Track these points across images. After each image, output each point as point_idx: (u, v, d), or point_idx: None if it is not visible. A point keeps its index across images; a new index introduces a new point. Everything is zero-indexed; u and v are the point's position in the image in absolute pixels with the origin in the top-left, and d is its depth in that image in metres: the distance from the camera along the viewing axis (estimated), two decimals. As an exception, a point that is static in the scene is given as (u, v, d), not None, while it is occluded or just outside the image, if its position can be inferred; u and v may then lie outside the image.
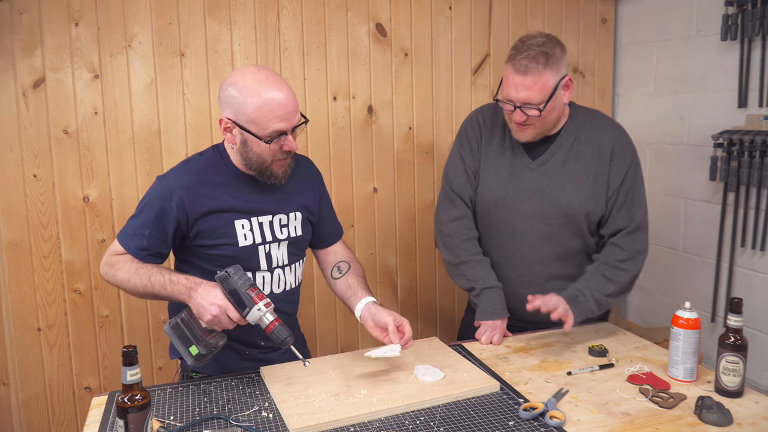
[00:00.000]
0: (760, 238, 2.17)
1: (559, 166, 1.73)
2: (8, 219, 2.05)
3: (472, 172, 1.82)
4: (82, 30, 2.05)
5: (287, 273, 1.61)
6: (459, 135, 1.88)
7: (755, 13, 2.10)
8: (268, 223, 1.55)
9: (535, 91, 1.60)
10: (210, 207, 1.48)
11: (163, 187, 1.48)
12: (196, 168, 1.53)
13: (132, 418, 1.08)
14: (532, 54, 1.59)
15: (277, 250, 1.57)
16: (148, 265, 1.46)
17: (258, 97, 1.40)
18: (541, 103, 1.61)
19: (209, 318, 1.33)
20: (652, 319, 2.68)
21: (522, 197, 1.75)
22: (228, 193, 1.51)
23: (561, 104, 1.68)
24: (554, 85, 1.62)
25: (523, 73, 1.60)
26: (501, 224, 1.79)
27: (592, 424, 1.27)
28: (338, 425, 1.25)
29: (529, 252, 1.77)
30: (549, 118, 1.67)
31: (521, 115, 1.64)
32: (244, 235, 1.52)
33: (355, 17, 2.35)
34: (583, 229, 1.75)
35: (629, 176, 1.71)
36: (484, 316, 1.75)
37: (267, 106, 1.40)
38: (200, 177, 1.50)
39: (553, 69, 1.61)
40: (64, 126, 2.07)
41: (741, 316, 1.37)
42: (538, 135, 1.71)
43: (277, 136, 1.43)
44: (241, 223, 1.51)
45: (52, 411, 2.18)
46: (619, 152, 1.71)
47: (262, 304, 1.34)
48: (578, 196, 1.71)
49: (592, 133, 1.74)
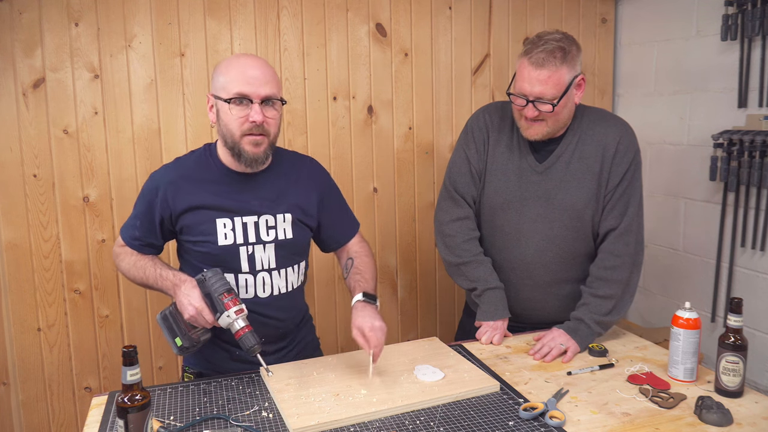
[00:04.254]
0: (760, 238, 2.17)
1: (564, 168, 1.70)
2: (8, 219, 2.05)
3: (477, 173, 1.79)
4: (82, 30, 2.05)
5: (275, 277, 1.57)
6: (464, 134, 1.84)
7: (755, 13, 2.10)
8: (253, 223, 1.53)
9: (550, 85, 1.58)
10: (191, 203, 1.51)
11: (152, 181, 1.55)
12: (185, 165, 1.57)
13: (132, 418, 1.08)
14: (549, 48, 1.57)
15: (263, 252, 1.54)
16: (145, 258, 1.55)
17: (229, 63, 1.48)
18: (554, 99, 1.59)
19: (187, 316, 1.40)
20: (652, 319, 2.68)
21: (528, 200, 1.73)
22: (212, 191, 1.52)
23: (572, 103, 1.66)
24: (569, 82, 1.60)
25: (539, 67, 1.58)
26: (506, 226, 1.77)
27: (592, 424, 1.27)
28: (338, 425, 1.25)
29: (533, 255, 1.75)
30: (560, 116, 1.64)
31: (533, 110, 1.61)
32: (225, 234, 1.51)
33: (355, 17, 2.35)
34: (588, 232, 1.73)
35: (628, 176, 1.68)
36: (486, 316, 1.75)
37: (234, 70, 1.45)
38: (186, 173, 1.54)
39: (569, 65, 1.59)
40: (64, 126, 2.07)
41: (741, 316, 1.37)
42: (547, 134, 1.67)
43: (240, 100, 1.44)
44: (223, 222, 1.51)
45: (52, 411, 2.18)
46: (623, 150, 1.68)
47: (232, 311, 1.37)
48: (582, 196, 1.69)
49: (597, 131, 1.71)
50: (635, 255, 1.69)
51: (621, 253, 1.68)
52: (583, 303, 1.69)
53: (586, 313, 1.67)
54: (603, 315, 1.66)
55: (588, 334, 1.66)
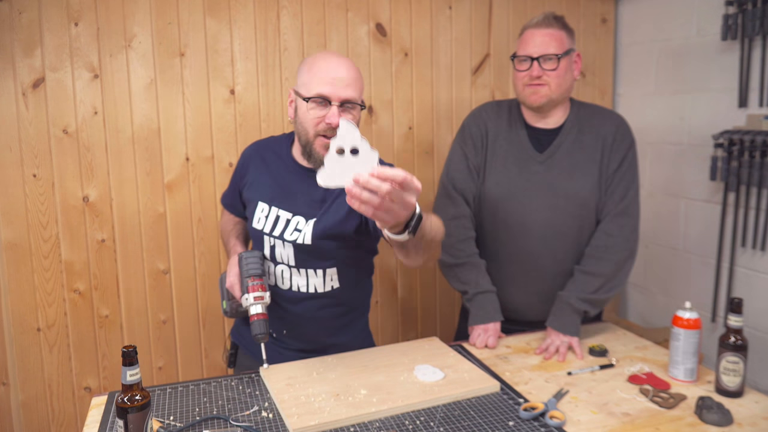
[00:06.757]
0: (761, 238, 2.17)
1: (567, 157, 1.73)
2: (8, 219, 2.05)
3: (476, 169, 1.80)
4: (81, 30, 2.05)
5: (295, 275, 1.57)
6: (461, 132, 1.86)
7: (755, 13, 2.10)
8: (285, 219, 1.55)
9: (553, 42, 1.68)
10: (252, 179, 1.64)
11: (244, 150, 1.72)
12: (266, 145, 1.69)
13: (132, 418, 1.08)
14: (549, 16, 1.72)
15: (282, 248, 1.56)
16: (232, 225, 1.76)
17: (314, 61, 1.50)
18: (559, 53, 1.67)
19: (227, 285, 1.52)
20: (652, 319, 2.68)
21: (531, 190, 1.74)
22: (270, 174, 1.60)
23: (571, 76, 1.73)
24: (568, 47, 1.71)
25: (542, 27, 1.70)
26: (509, 219, 1.77)
27: (592, 424, 1.27)
28: (338, 425, 1.25)
29: (538, 246, 1.75)
30: (563, 80, 1.70)
31: (539, 68, 1.68)
32: (258, 218, 1.59)
33: (355, 17, 2.35)
34: (592, 221, 1.75)
35: (625, 163, 1.73)
36: (477, 320, 1.74)
37: (317, 68, 1.47)
38: (263, 153, 1.66)
39: (567, 34, 1.72)
40: (64, 126, 2.07)
41: (741, 316, 1.37)
42: (550, 101, 1.71)
43: (320, 100, 1.44)
44: (262, 206, 1.59)
45: (52, 411, 2.18)
46: (620, 139, 1.74)
47: (252, 296, 1.44)
48: (586, 184, 1.72)
49: (595, 122, 1.76)
50: (630, 239, 1.72)
51: (614, 234, 1.70)
52: (573, 280, 1.72)
53: (573, 291, 1.70)
54: (590, 293, 1.68)
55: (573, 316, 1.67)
